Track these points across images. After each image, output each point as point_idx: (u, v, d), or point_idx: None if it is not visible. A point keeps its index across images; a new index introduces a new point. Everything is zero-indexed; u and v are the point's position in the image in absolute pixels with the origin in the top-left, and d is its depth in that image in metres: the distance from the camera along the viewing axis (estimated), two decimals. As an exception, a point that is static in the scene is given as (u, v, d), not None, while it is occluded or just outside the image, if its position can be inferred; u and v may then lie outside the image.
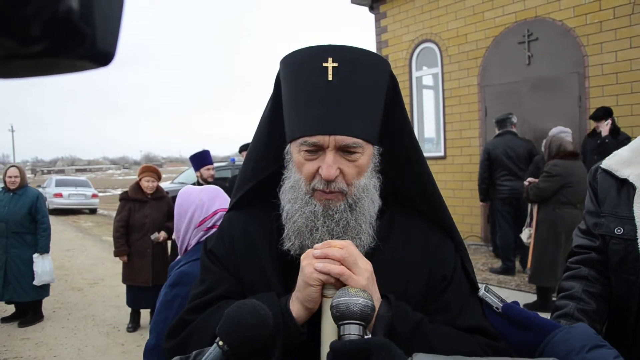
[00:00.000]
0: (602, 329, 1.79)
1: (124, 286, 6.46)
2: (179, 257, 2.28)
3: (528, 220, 6.60)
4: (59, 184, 23.71)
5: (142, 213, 6.20)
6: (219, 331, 1.07)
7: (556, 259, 5.72)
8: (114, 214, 21.82)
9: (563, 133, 6.27)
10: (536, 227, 6.15)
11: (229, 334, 1.05)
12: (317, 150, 1.24)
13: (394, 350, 0.99)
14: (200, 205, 2.20)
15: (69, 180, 25.32)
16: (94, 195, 23.51)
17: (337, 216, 1.25)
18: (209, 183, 6.24)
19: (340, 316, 1.05)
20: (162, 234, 6.19)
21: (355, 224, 1.26)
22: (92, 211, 23.58)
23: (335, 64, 1.22)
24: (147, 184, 6.24)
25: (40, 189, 19.83)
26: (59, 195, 22.38)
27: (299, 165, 1.27)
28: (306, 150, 1.25)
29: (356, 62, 1.24)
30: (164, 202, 6.36)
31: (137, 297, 6.22)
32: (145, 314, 6.51)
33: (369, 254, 1.27)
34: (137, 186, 6.32)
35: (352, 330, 1.04)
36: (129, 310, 6.46)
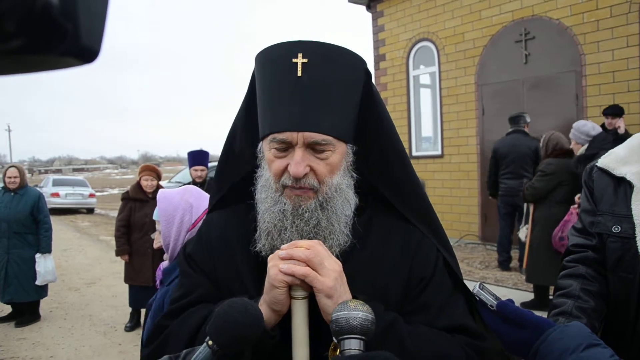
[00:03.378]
0: (600, 327, 1.78)
1: (122, 286, 6.45)
2: (166, 261, 2.23)
3: (524, 218, 6.64)
4: (56, 183, 23.62)
5: (142, 212, 6.20)
6: (208, 330, 1.05)
7: (552, 257, 5.73)
8: (111, 213, 21.63)
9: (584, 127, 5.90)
10: (532, 226, 6.17)
11: (219, 333, 1.03)
12: (287, 147, 1.22)
13: None
14: (189, 207, 2.15)
15: (66, 179, 25.21)
16: (91, 195, 23.42)
17: (307, 215, 1.23)
18: (196, 184, 6.23)
19: (340, 331, 1.02)
20: (163, 233, 6.17)
21: (327, 224, 1.23)
22: (90, 211, 23.51)
23: (305, 60, 1.19)
24: (147, 183, 6.24)
25: (38, 189, 19.68)
26: (56, 194, 22.30)
27: (269, 163, 1.25)
28: (276, 148, 1.23)
29: (327, 58, 1.22)
30: None
31: (138, 297, 6.22)
32: (144, 313, 6.49)
33: (346, 254, 1.25)
34: (137, 186, 6.33)
35: (353, 345, 1.01)
36: (127, 309, 6.46)
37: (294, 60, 1.20)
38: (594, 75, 8.25)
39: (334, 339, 1.05)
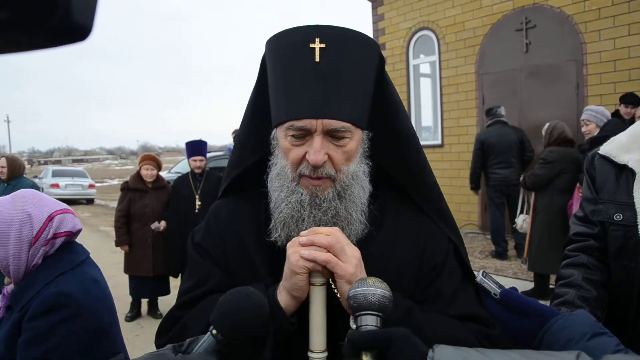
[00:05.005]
0: (602, 315, 1.78)
1: (122, 276, 6.45)
2: (10, 285, 1.91)
3: (524, 206, 6.68)
4: (55, 174, 23.64)
5: (142, 203, 6.19)
6: (212, 319, 1.04)
7: (554, 246, 5.74)
8: (111, 204, 21.59)
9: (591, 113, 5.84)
10: (533, 215, 6.17)
11: (223, 321, 1.03)
12: (305, 135, 1.20)
13: (415, 340, 0.97)
14: (26, 218, 1.82)
15: (65, 170, 25.26)
16: (91, 186, 23.44)
17: (325, 205, 1.21)
18: (195, 174, 6.22)
19: (358, 307, 1.02)
20: (163, 224, 6.18)
21: (345, 213, 1.23)
22: (89, 201, 23.52)
23: (323, 45, 1.17)
24: (147, 172, 6.22)
25: (37, 180, 19.72)
26: (56, 185, 22.30)
27: (286, 151, 1.23)
28: (293, 135, 1.21)
29: (344, 43, 1.20)
30: (164, 192, 6.35)
31: (139, 287, 6.25)
32: (144, 303, 6.52)
33: (361, 241, 1.25)
34: (137, 176, 6.31)
35: (370, 322, 1.01)
36: (127, 300, 6.46)
37: (312, 45, 1.17)
38: (595, 64, 8.20)
39: (351, 317, 1.05)
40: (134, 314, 6.33)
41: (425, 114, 11.61)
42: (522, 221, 6.62)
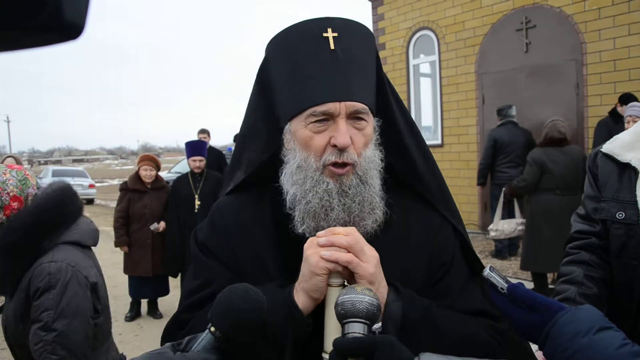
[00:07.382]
0: (603, 313, 1.78)
1: (121, 276, 6.44)
2: None
3: (511, 211, 6.83)
4: (55, 174, 23.57)
5: (141, 203, 6.18)
6: (210, 316, 1.03)
7: (538, 244, 5.87)
8: (111, 204, 21.55)
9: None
10: (526, 216, 6.28)
11: (221, 319, 1.02)
12: (327, 119, 1.20)
13: (399, 348, 0.97)
14: None
15: (66, 170, 25.24)
16: (91, 186, 23.41)
17: (351, 192, 1.21)
18: (195, 174, 6.21)
19: (345, 314, 1.01)
20: (162, 224, 6.17)
21: (370, 198, 1.23)
22: (90, 201, 23.46)
23: (335, 34, 1.21)
24: (146, 173, 6.21)
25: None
26: (56, 185, 22.28)
27: (307, 141, 1.22)
28: (314, 122, 1.20)
29: (353, 32, 1.25)
30: (164, 192, 6.34)
31: (138, 288, 6.24)
32: (144, 303, 6.52)
33: (372, 236, 1.24)
34: (136, 176, 6.30)
35: (357, 329, 1.00)
36: (126, 300, 6.46)
37: (325, 34, 1.21)
38: (595, 64, 8.19)
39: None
40: (134, 314, 6.32)
41: (425, 114, 11.60)
42: (506, 225, 6.69)
